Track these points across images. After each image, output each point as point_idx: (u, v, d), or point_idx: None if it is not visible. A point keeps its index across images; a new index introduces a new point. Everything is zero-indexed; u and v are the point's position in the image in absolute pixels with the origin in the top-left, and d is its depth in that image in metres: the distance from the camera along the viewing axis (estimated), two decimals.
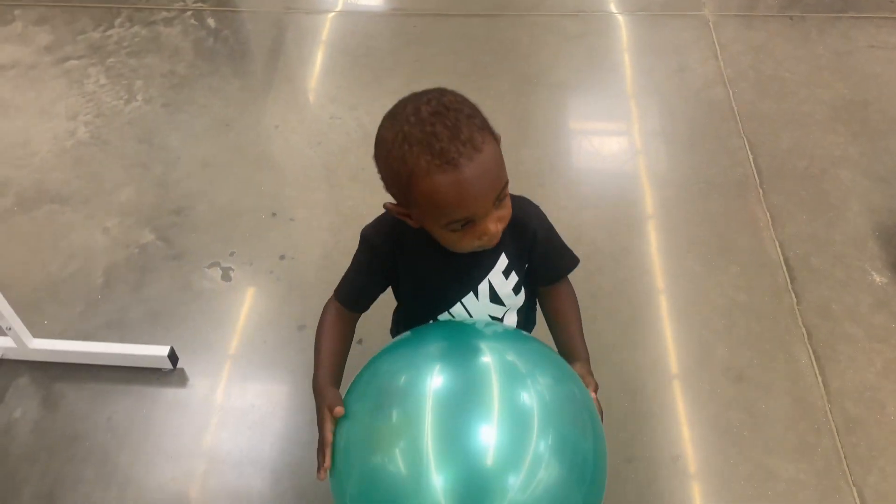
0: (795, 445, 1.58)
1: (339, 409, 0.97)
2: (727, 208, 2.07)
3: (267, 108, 2.47)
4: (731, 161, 2.21)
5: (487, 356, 0.97)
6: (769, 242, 1.98)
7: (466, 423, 0.88)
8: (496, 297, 1.12)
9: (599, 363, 1.17)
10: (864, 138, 2.26)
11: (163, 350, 1.72)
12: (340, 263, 1.15)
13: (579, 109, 2.48)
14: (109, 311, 1.89)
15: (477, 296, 1.11)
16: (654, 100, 2.44)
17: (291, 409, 1.68)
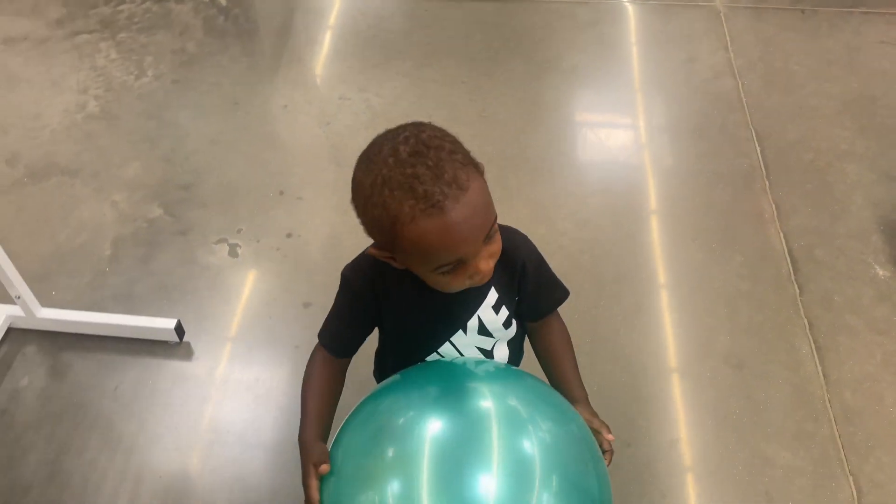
0: (794, 433, 1.59)
1: (325, 467, 0.92)
2: (733, 199, 2.08)
3: (276, 88, 2.47)
4: (738, 152, 2.22)
5: (486, 401, 0.92)
6: (774, 233, 1.99)
7: (466, 477, 0.83)
8: (485, 331, 1.07)
9: (602, 348, 1.17)
10: (870, 133, 2.26)
11: (170, 323, 1.73)
12: (347, 243, 1.15)
13: (588, 97, 2.48)
14: (117, 284, 1.90)
15: (465, 332, 1.06)
16: (662, 89, 2.44)
17: (295, 383, 1.68)
